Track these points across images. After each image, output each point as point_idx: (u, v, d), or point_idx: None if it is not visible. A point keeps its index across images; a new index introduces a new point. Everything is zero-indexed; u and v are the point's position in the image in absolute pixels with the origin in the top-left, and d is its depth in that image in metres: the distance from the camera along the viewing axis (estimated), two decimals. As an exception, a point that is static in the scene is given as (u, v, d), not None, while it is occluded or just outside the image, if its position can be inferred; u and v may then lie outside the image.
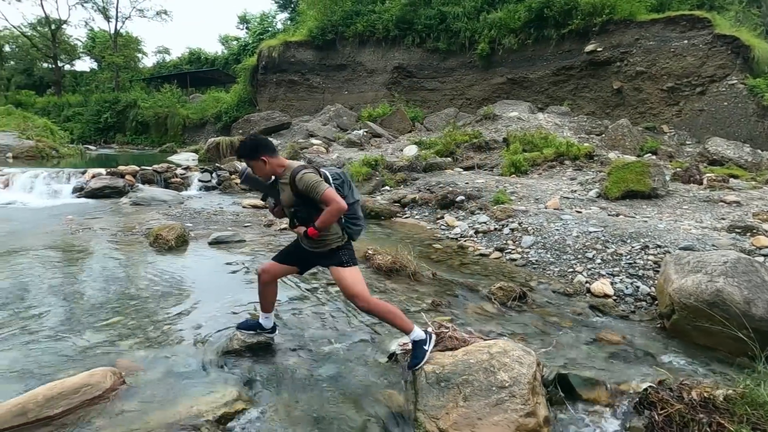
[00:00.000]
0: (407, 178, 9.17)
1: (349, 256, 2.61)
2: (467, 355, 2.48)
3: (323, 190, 2.37)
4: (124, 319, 3.22)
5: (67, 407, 2.09)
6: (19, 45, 33.87)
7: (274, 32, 28.19)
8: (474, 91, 17.20)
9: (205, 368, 2.59)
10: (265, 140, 2.60)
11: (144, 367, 2.57)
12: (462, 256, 5.14)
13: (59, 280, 4.05)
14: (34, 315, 3.27)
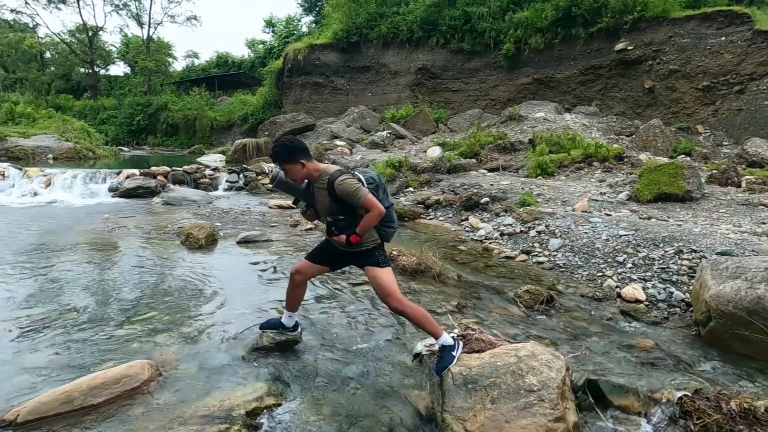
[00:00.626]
0: (431, 179, 9.15)
1: (384, 257, 2.64)
2: (494, 358, 2.46)
3: (364, 195, 2.38)
4: (158, 315, 3.34)
5: (109, 397, 2.19)
6: (59, 51, 35.50)
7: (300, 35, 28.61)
8: (499, 92, 17.00)
9: (236, 363, 2.66)
10: (302, 143, 2.56)
11: (178, 361, 2.66)
12: (487, 259, 5.10)
13: (97, 276, 4.24)
14: (75, 309, 3.43)
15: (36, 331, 3.03)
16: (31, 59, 34.32)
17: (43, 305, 3.48)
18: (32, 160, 13.59)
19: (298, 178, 2.51)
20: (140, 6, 33.36)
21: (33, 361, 2.64)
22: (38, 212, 7.88)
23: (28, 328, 3.07)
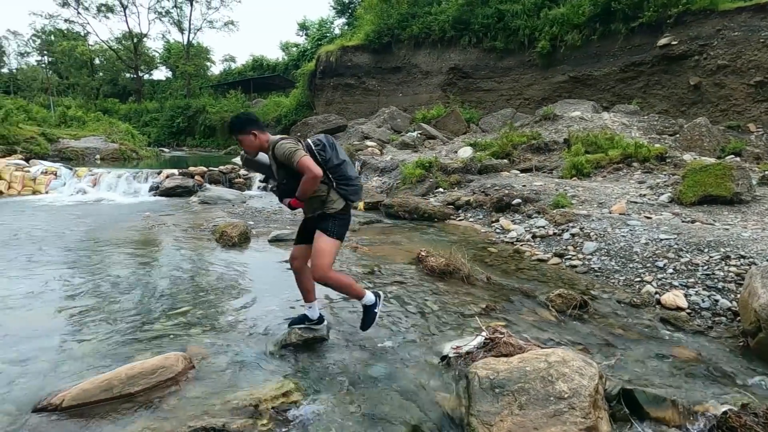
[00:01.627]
0: (461, 180, 9.03)
1: (337, 229, 2.64)
2: (523, 363, 2.40)
3: (298, 158, 2.43)
4: (193, 309, 3.46)
5: (145, 386, 2.29)
6: (107, 58, 37.58)
7: (332, 38, 28.98)
8: (533, 91, 16.61)
9: (265, 359, 2.73)
10: (253, 116, 2.72)
11: (210, 354, 2.75)
12: (518, 261, 4.99)
13: (138, 271, 4.45)
14: (117, 301, 3.61)
15: (81, 321, 3.22)
16: (82, 66, 36.49)
17: (88, 297, 3.68)
18: (82, 161, 14.43)
19: (252, 148, 2.63)
20: (181, 13, 34.84)
21: (77, 350, 2.80)
22: (86, 209, 8.36)
23: (74, 318, 3.26)
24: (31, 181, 10.40)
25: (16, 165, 10.87)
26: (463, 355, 2.71)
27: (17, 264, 4.59)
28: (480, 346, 2.75)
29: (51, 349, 2.79)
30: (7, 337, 2.93)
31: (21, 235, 5.91)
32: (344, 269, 4.50)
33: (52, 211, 8.00)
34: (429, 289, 3.95)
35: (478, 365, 2.48)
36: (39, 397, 2.23)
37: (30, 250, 5.12)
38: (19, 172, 10.53)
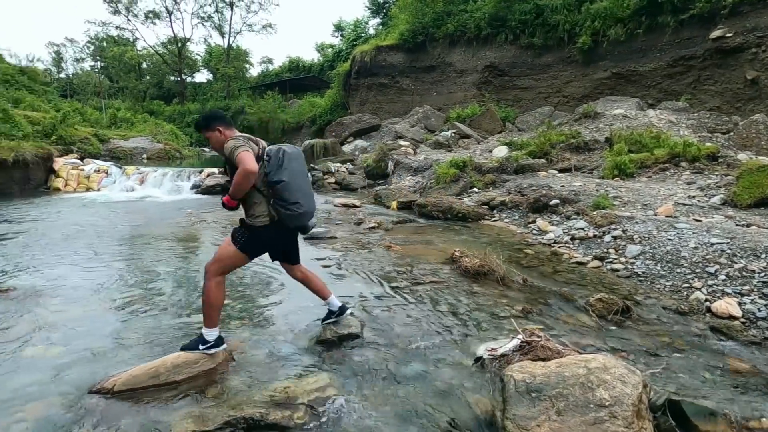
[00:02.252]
0: (496, 179, 8.87)
1: (245, 241, 2.53)
2: (561, 368, 2.34)
3: (238, 152, 2.33)
4: (231, 303, 3.59)
5: (189, 375, 2.40)
6: (153, 62, 39.51)
7: (367, 38, 29.17)
8: (572, 88, 16.07)
9: (301, 354, 2.79)
10: (221, 113, 2.67)
11: (248, 347, 2.84)
12: (555, 263, 4.84)
13: (181, 265, 4.65)
14: (161, 293, 3.79)
15: (130, 311, 3.40)
16: (130, 70, 38.52)
17: (135, 289, 3.89)
18: (130, 160, 15.24)
19: (219, 145, 2.52)
20: (222, 17, 36.10)
21: (127, 338, 2.97)
22: (134, 206, 8.83)
23: (123, 308, 3.45)
24: (85, 179, 11.09)
25: (73, 164, 11.62)
26: (498, 358, 2.67)
27: (74, 256, 4.91)
28: (516, 348, 2.70)
29: (103, 336, 2.97)
30: (65, 324, 3.14)
31: (78, 230, 6.32)
32: (377, 268, 4.53)
33: (104, 208, 8.50)
34: (463, 290, 3.91)
35: (514, 368, 2.43)
36: (93, 381, 2.38)
37: (85, 244, 5.47)
38: (75, 170, 11.25)
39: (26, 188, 10.43)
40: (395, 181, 11.09)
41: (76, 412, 2.16)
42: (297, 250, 2.92)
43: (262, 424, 2.06)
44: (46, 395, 2.29)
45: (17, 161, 10.10)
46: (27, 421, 2.10)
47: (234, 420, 2.05)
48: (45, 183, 10.97)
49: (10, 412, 2.15)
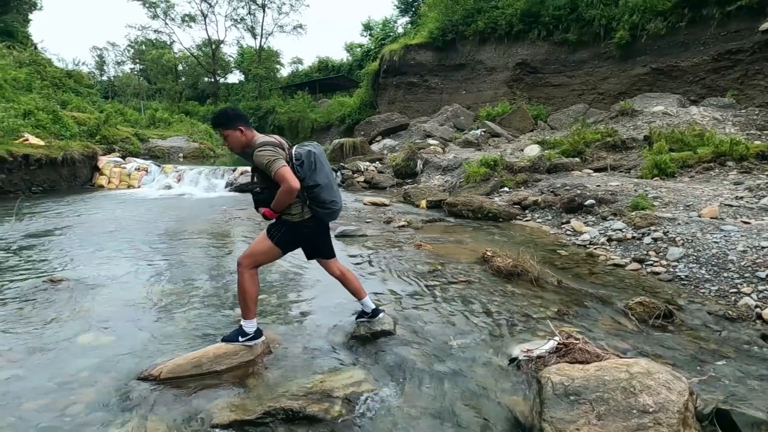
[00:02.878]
0: (528, 179, 8.70)
1: (281, 236, 2.56)
2: (601, 371, 2.28)
3: (276, 168, 2.31)
4: (267, 297, 3.68)
5: (229, 365, 2.48)
6: (189, 64, 40.86)
7: (395, 37, 29.17)
8: (608, 85, 15.57)
9: (335, 349, 2.83)
10: (242, 112, 2.57)
11: (284, 341, 2.90)
12: (591, 265, 4.71)
13: (216, 260, 4.80)
14: (199, 287, 3.93)
15: (171, 303, 3.54)
16: (167, 72, 40.01)
17: (174, 282, 4.05)
18: (167, 158, 15.84)
19: (237, 145, 2.47)
20: (254, 19, 36.91)
21: (169, 328, 3.09)
22: (172, 203, 9.17)
23: (165, 300, 3.60)
24: (127, 177, 11.61)
25: (115, 162, 12.18)
26: (533, 359, 2.63)
27: (119, 250, 5.16)
28: (552, 350, 2.65)
29: (147, 326, 3.11)
30: (113, 314, 3.31)
31: (121, 225, 6.62)
32: (408, 267, 4.53)
33: (144, 204, 8.87)
34: (495, 290, 3.87)
35: (551, 370, 2.39)
36: (140, 368, 2.49)
37: (128, 238, 5.73)
38: (117, 168, 11.79)
39: (73, 185, 11.02)
40: (424, 179, 11.05)
41: (126, 397, 2.27)
42: (330, 244, 2.94)
43: (300, 415, 2.11)
44: (98, 380, 2.42)
45: (65, 160, 10.68)
46: (81, 403, 2.23)
47: (273, 410, 2.11)
48: (90, 180, 11.55)
49: (67, 394, 2.29)
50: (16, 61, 18.00)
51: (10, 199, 8.56)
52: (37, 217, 7.22)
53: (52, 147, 10.60)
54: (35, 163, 9.87)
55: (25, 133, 10.66)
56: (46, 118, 12.45)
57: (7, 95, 12.70)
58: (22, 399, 2.24)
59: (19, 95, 13.37)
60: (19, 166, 9.50)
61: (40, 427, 2.04)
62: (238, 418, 2.07)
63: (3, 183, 9.10)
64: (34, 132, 11.16)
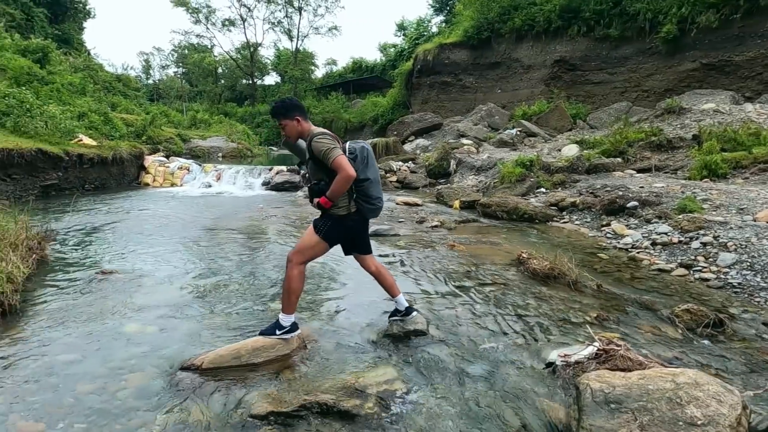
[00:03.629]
0: (566, 179, 8.45)
1: (327, 230, 2.60)
2: (644, 380, 2.19)
3: (334, 156, 2.36)
4: (302, 294, 3.74)
5: (266, 358, 2.55)
6: (228, 67, 42.25)
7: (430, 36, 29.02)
8: (653, 82, 14.86)
9: (368, 346, 2.85)
10: (299, 102, 2.66)
11: (319, 337, 2.96)
12: (634, 270, 4.52)
13: (253, 256, 4.95)
14: (237, 282, 4.06)
15: (210, 296, 3.68)
16: (208, 74, 41.57)
17: (214, 277, 4.20)
18: (207, 158, 16.45)
19: (293, 134, 2.56)
20: (291, 22, 37.72)
21: (209, 321, 3.22)
22: (211, 201, 9.52)
23: (204, 294, 3.74)
24: (170, 175, 12.15)
25: (160, 161, 12.77)
26: (571, 365, 2.55)
27: (163, 244, 5.41)
28: (591, 356, 2.56)
29: (190, 318, 3.25)
30: (159, 305, 3.48)
31: (165, 221, 6.95)
32: (441, 267, 4.51)
33: (186, 202, 9.26)
34: (531, 293, 3.78)
35: (591, 377, 2.31)
36: (183, 358, 2.61)
37: (172, 234, 6.01)
38: (162, 167, 12.37)
39: (122, 183, 11.65)
40: (457, 180, 10.94)
41: (170, 384, 2.38)
42: (368, 240, 2.98)
43: (335, 410, 2.14)
44: (145, 367, 2.55)
45: (115, 159, 11.30)
46: (129, 389, 2.36)
47: (309, 404, 2.15)
48: (137, 178, 12.17)
49: (116, 380, 2.43)
50: (72, 66, 19.21)
51: (66, 196, 9.15)
52: (90, 212, 7.68)
53: (103, 147, 11.25)
54: (88, 162, 10.51)
55: (80, 133, 11.35)
56: (98, 119, 13.22)
57: (64, 98, 13.58)
58: (78, 382, 2.40)
59: (74, 98, 14.27)
60: (74, 165, 10.14)
61: (93, 409, 2.18)
62: (275, 409, 2.13)
63: (60, 180, 9.74)
64: (87, 133, 11.87)
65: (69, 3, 26.77)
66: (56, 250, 5.02)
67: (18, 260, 3.67)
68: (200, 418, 2.12)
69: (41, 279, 4.03)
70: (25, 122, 9.88)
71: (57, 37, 23.12)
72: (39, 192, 9.15)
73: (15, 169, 8.67)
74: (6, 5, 21.26)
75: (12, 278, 3.41)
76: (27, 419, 2.10)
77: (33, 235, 4.44)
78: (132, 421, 2.10)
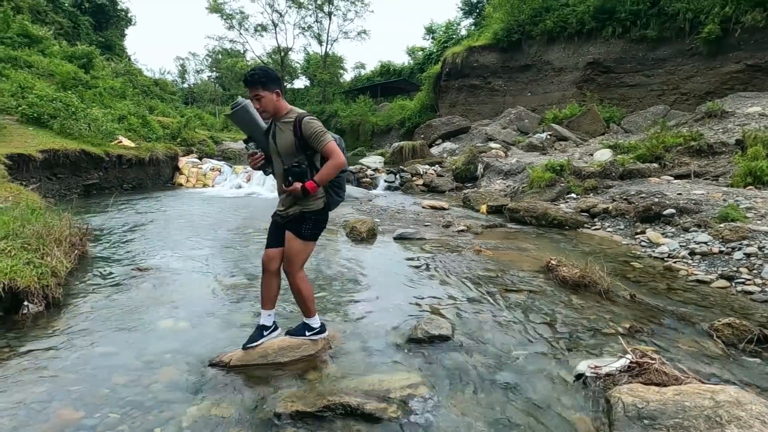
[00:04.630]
0: (598, 185, 8.20)
1: (311, 231, 2.50)
2: (680, 396, 2.09)
3: (328, 140, 2.28)
4: (328, 296, 3.79)
5: (292, 358, 2.59)
6: (260, 71, 43.13)
7: (458, 39, 28.81)
8: (693, 84, 14.25)
9: (392, 350, 2.85)
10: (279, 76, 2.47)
11: (344, 339, 2.98)
12: (670, 280, 4.34)
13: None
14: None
15: (238, 295, 3.77)
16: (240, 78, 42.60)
17: (242, 276, 4.30)
18: (238, 160, 16.85)
19: (269, 109, 2.33)
20: (321, 26, 38.29)
21: (237, 319, 3.30)
22: (241, 201, 9.75)
23: (232, 292, 3.84)
24: (203, 176, 12.53)
25: (193, 163, 13.20)
26: (602, 377, 2.47)
27: (195, 243, 5.58)
28: (624, 369, 2.47)
29: (219, 315, 3.34)
30: (189, 302, 3.59)
31: (198, 220, 7.18)
32: (467, 272, 4.46)
33: (217, 202, 9.53)
34: (560, 301, 3.69)
35: (623, 390, 2.23)
36: (212, 354, 2.68)
37: (203, 233, 6.19)
38: (195, 168, 12.77)
39: (157, 183, 12.10)
40: (484, 184, 10.80)
41: (199, 379, 2.46)
42: None
43: (358, 412, 2.15)
44: (176, 362, 2.64)
45: (151, 160, 11.77)
46: (162, 382, 2.44)
47: (333, 405, 2.17)
48: (171, 179, 12.62)
49: (150, 373, 2.52)
50: (113, 71, 20.16)
51: (106, 195, 9.59)
52: (127, 211, 8.01)
53: (140, 148, 11.73)
54: (127, 163, 10.98)
55: (119, 135, 11.88)
56: (136, 122, 13.81)
57: (105, 102, 14.26)
58: (113, 373, 2.50)
59: (115, 102, 14.96)
60: (114, 165, 10.61)
61: (128, 400, 2.27)
62: (299, 409, 2.16)
63: (100, 180, 10.22)
64: (126, 135, 12.41)
65: (112, 11, 28.11)
66: (96, 247, 5.26)
67: (62, 255, 3.86)
68: (227, 414, 2.17)
69: (82, 274, 4.23)
70: (70, 124, 10.43)
71: (100, 44, 24.31)
72: (81, 191, 9.62)
73: (60, 168, 9.15)
74: (55, 14, 22.53)
75: (56, 272, 3.59)
76: (67, 407, 2.20)
77: (75, 232, 4.67)
78: (163, 413, 2.17)
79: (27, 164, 8.12)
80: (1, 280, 3.08)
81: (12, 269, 3.23)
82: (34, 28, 17.11)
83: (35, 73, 13.74)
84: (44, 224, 4.22)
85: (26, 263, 3.42)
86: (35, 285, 3.27)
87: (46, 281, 3.40)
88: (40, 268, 3.46)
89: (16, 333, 2.98)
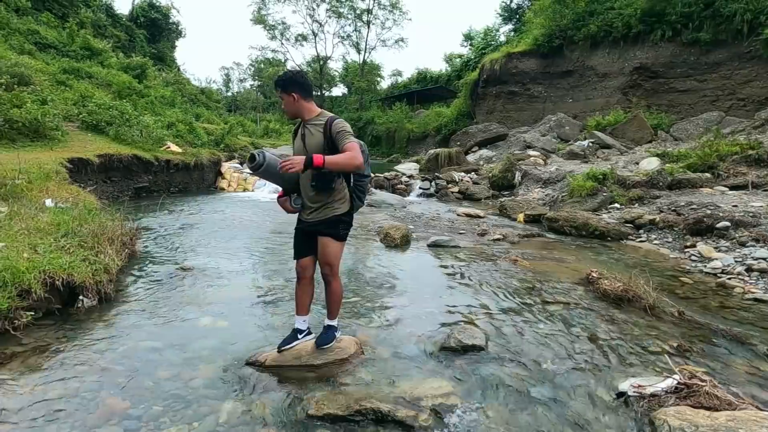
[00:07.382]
0: (644, 195, 7.82)
1: (344, 232, 2.61)
2: (734, 422, 1.96)
3: (352, 139, 2.34)
4: (361, 300, 3.82)
5: (325, 361, 2.63)
6: (299, 79, 44.36)
7: (497, 45, 28.47)
8: (751, 89, 13.39)
9: (425, 357, 2.83)
10: (307, 81, 2.51)
11: (376, 344, 2.98)
12: (723, 297, 4.06)
13: (317, 261, 5.11)
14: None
15: (274, 297, 3.86)
16: (280, 87, 43.96)
17: (279, 278, 4.40)
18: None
19: (289, 109, 2.48)
20: (359, 35, 38.97)
21: (272, 320, 3.38)
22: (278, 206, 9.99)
23: (268, 293, 3.94)
24: (243, 181, 12.98)
25: (235, 168, 13.70)
26: (646, 397, 2.35)
27: (234, 244, 5.79)
28: (670, 390, 2.34)
29: (256, 316, 3.44)
30: (228, 301, 3.72)
31: (238, 224, 7.44)
32: (502, 282, 4.36)
33: (256, 206, 9.84)
34: (601, 315, 3.53)
35: (669, 412, 2.11)
36: (249, 353, 2.76)
37: (242, 235, 6.41)
38: (236, 173, 13.25)
39: (201, 187, 12.65)
40: (522, 192, 10.56)
41: (237, 378, 2.53)
42: None
43: (389, 418, 2.14)
44: (215, 360, 2.73)
45: (197, 165, 12.32)
46: (201, 378, 2.54)
47: (364, 410, 2.18)
48: (214, 183, 13.15)
49: (191, 369, 2.63)
50: (164, 81, 21.35)
51: (154, 197, 10.12)
52: (173, 213, 8.42)
53: (186, 154, 12.31)
54: (174, 167, 11.55)
55: (168, 141, 12.53)
56: (183, 128, 14.53)
57: (156, 110, 15.12)
58: (158, 368, 2.62)
59: (165, 109, 15.83)
60: (162, 170, 11.20)
61: (170, 393, 2.37)
62: (331, 412, 2.18)
63: (150, 183, 10.80)
64: (174, 141, 13.08)
65: (165, 25, 29.84)
66: (144, 246, 5.56)
67: (113, 253, 4.11)
68: (261, 413, 2.22)
69: (131, 271, 4.48)
70: (124, 131, 11.12)
71: (153, 55, 25.84)
72: (132, 193, 10.21)
73: (114, 172, 9.76)
74: (114, 28, 24.19)
75: (108, 269, 3.82)
76: (115, 396, 2.33)
77: (126, 232, 4.95)
78: (202, 408, 2.25)
79: (85, 168, 8.71)
80: (60, 275, 3.31)
81: (70, 265, 3.47)
82: (95, 41, 18.43)
83: (95, 83, 14.78)
84: (99, 224, 4.51)
85: (82, 260, 3.66)
86: (90, 281, 3.50)
87: (100, 277, 3.62)
88: (95, 265, 3.69)
89: (72, 325, 3.19)
